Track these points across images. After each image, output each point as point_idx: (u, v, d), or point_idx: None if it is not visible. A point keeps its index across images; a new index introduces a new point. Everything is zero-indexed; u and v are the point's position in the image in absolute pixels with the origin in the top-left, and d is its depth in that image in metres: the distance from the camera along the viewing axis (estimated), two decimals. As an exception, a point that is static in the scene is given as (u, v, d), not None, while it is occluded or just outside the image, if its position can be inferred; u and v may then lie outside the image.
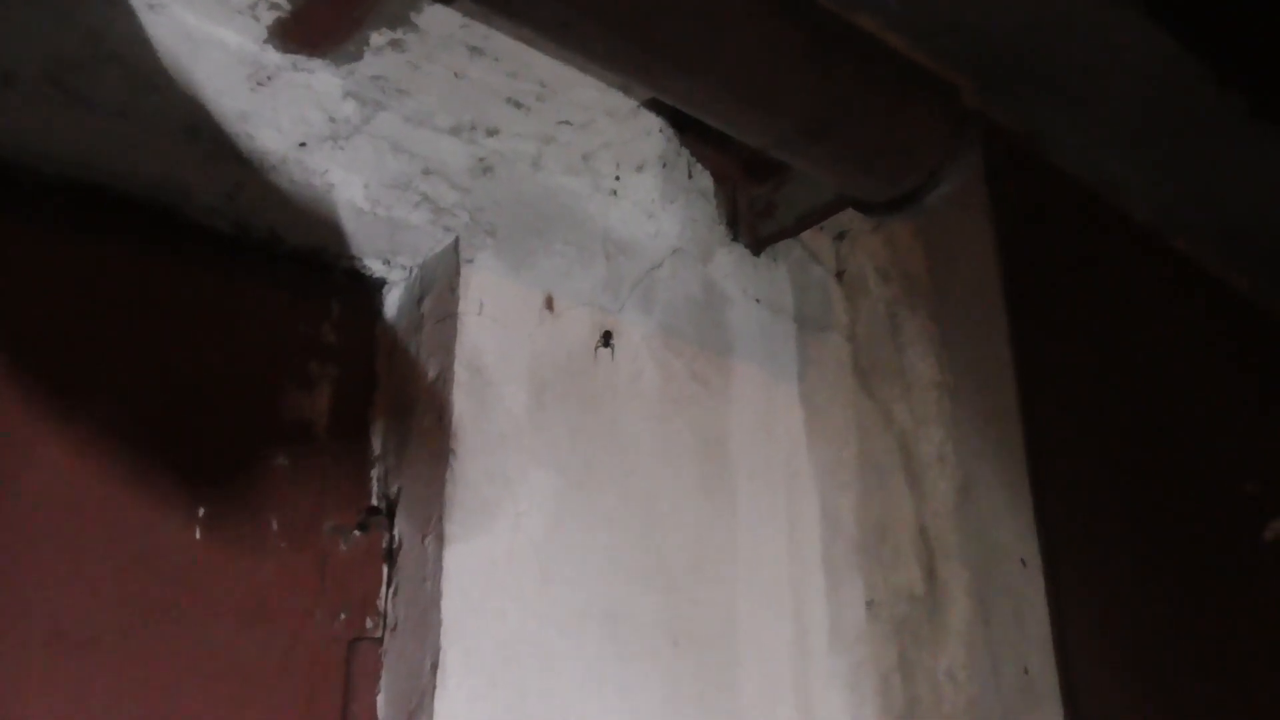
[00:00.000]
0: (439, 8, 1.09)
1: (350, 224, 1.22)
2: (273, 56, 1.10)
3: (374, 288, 1.31)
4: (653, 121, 1.36)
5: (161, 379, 1.12)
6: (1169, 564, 1.74)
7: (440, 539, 1.11)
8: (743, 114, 1.14)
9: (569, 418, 1.23)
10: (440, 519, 1.12)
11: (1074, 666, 1.41)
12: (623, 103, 1.27)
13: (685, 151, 1.43)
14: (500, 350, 1.20)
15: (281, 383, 1.21)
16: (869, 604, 1.39)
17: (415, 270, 1.29)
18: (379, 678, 1.14)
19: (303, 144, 1.16)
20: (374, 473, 1.23)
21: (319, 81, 1.14)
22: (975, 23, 1.59)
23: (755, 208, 1.46)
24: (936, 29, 1.58)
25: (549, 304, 1.27)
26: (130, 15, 1.03)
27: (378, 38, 1.11)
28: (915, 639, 1.36)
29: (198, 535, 1.09)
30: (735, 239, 1.47)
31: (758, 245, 1.47)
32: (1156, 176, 1.99)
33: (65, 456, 1.04)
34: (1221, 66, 1.75)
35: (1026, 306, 1.61)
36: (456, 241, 1.23)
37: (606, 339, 1.29)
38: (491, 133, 1.25)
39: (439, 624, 1.06)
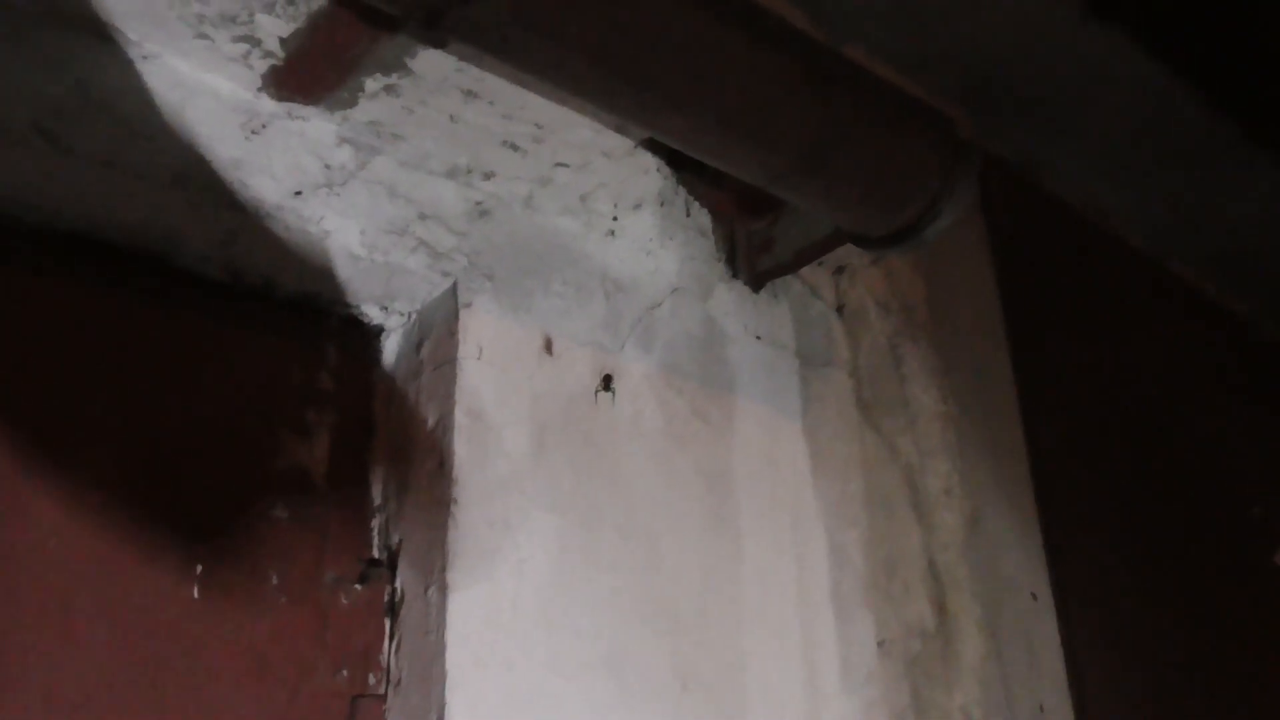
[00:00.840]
0: (433, 52, 1.08)
1: (346, 270, 1.21)
2: (266, 104, 1.09)
3: (372, 334, 1.30)
4: (650, 161, 1.35)
5: (155, 431, 1.11)
6: (1179, 592, 1.73)
7: (443, 589, 1.09)
8: (739, 150, 1.13)
9: (570, 459, 1.21)
10: (443, 568, 1.09)
11: (1090, 702, 1.40)
12: (619, 143, 1.26)
13: (682, 190, 1.42)
14: (500, 394, 1.19)
15: (278, 432, 1.19)
16: (880, 642, 1.37)
17: (413, 315, 1.28)
18: (382, 735, 1.10)
19: (298, 192, 1.15)
20: (374, 523, 1.21)
21: (313, 128, 1.13)
22: (965, 52, 1.61)
23: (753, 243, 1.45)
24: (927, 59, 1.60)
25: (548, 346, 1.26)
26: (122, 65, 1.02)
27: (372, 83, 1.10)
28: (928, 677, 1.34)
29: (195, 593, 1.07)
30: (734, 275, 1.46)
31: (757, 281, 1.46)
32: (1151, 202, 1.99)
33: (56, 513, 1.01)
34: (1213, 92, 1.76)
35: (1028, 334, 1.62)
36: (454, 286, 1.22)
37: (607, 383, 1.28)
38: (488, 176, 1.25)
39: (443, 677, 1.04)
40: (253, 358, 1.20)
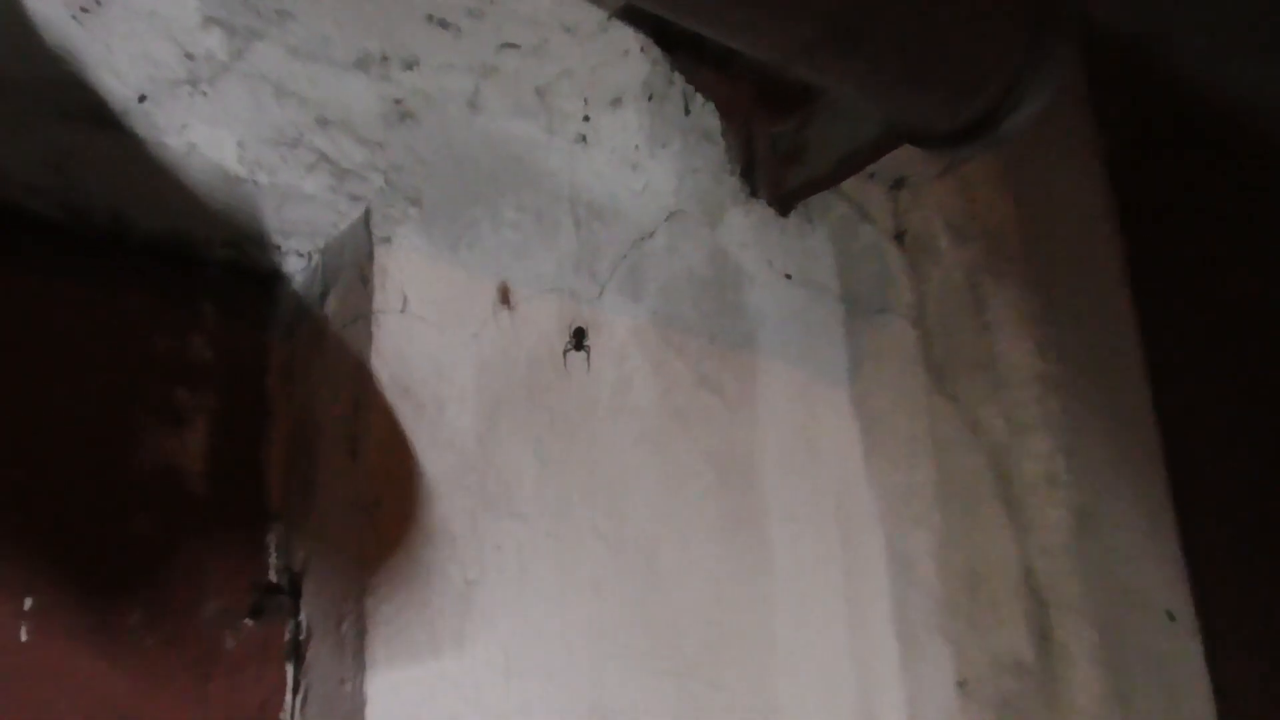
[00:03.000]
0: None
1: (222, 198, 1.19)
2: (100, -28, 1.06)
3: (260, 284, 1.29)
4: (630, 38, 1.34)
5: (-36, 424, 1.08)
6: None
7: (362, 624, 1.08)
8: (750, 13, 1.10)
9: (535, 446, 1.21)
10: (361, 596, 1.08)
11: (1247, 756, 1.40)
12: (588, 13, 1.25)
13: (679, 78, 1.41)
14: (436, 360, 1.18)
15: (137, 419, 1.18)
16: (961, 682, 1.38)
17: (314, 257, 1.26)
18: (287, 820, 1.10)
19: (143, 97, 1.12)
20: (270, 537, 1.21)
21: (168, 4, 1.11)
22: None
23: (779, 150, 1.44)
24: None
25: (503, 295, 1.25)
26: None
27: (245, -61, 1.08)
28: (1027, 726, 1.34)
29: (23, 635, 1.05)
30: (753, 194, 1.45)
31: (784, 202, 1.45)
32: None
33: None
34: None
35: (1153, 267, 1.62)
36: (367, 214, 1.20)
37: (579, 339, 1.26)
38: (410, 65, 1.23)
39: (366, 743, 1.02)
40: (99, 322, 1.19)
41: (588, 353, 1.28)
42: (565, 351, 1.26)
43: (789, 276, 1.46)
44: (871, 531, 1.41)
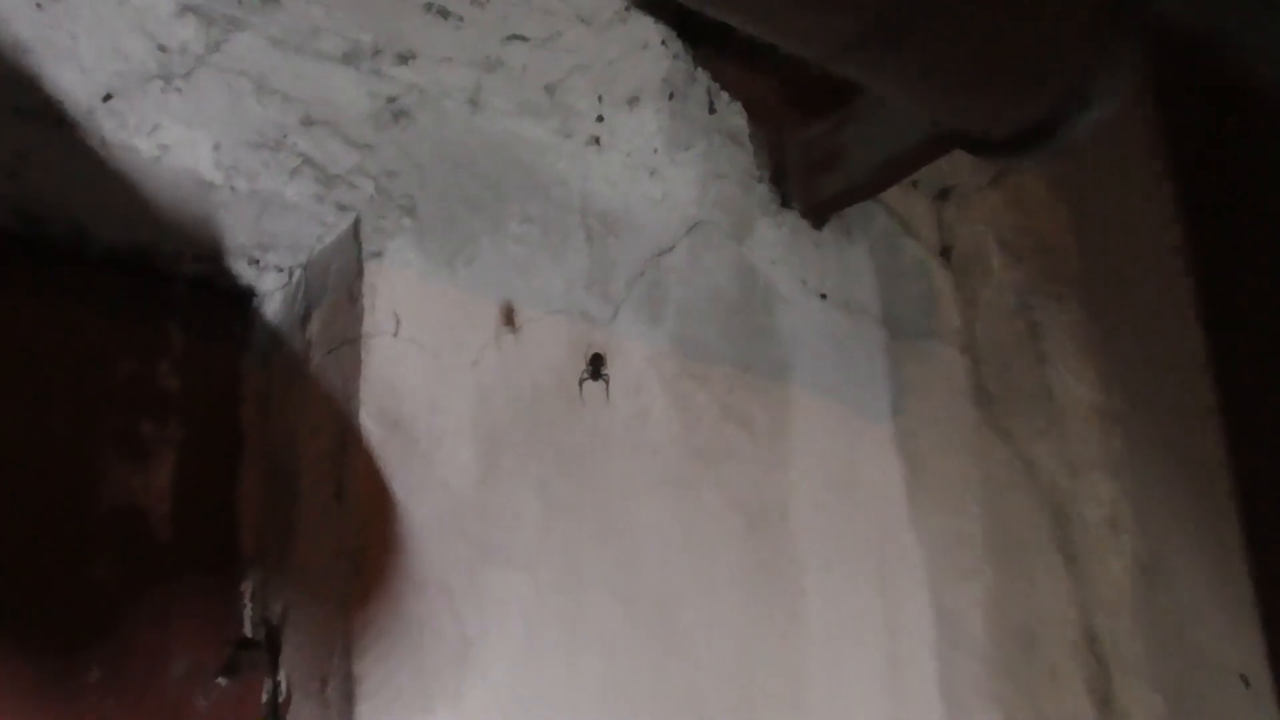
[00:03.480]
0: None
1: (194, 207, 1.18)
2: (64, -47, 1.05)
3: (235, 303, 1.28)
4: (649, 30, 1.33)
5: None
6: None
7: (348, 685, 1.06)
8: (789, 5, 1.09)
9: (539, 489, 1.19)
10: (347, 654, 1.07)
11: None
12: (603, 1, 1.24)
13: (702, 74, 1.40)
14: (431, 390, 1.16)
15: (96, 454, 1.17)
16: None
17: (296, 273, 1.25)
18: None
19: (109, 95, 1.10)
20: (244, 586, 1.20)
21: (139, -10, 1.08)
22: None
23: (812, 155, 1.43)
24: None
25: (506, 316, 1.24)
26: None
27: (224, -82, 1.07)
28: (1086, 802, 1.34)
29: (-34, 700, 1.03)
30: (784, 204, 1.44)
31: (819, 212, 1.43)
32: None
33: None
34: None
35: (1227, 288, 1.59)
36: (356, 226, 1.18)
37: (596, 367, 1.24)
38: (405, 58, 1.22)
39: (351, 823, 1.01)
40: (55, 344, 1.18)
41: (606, 383, 1.26)
42: (581, 381, 1.25)
43: (824, 296, 1.45)
44: (915, 584, 1.40)
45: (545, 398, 1.23)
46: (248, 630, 1.18)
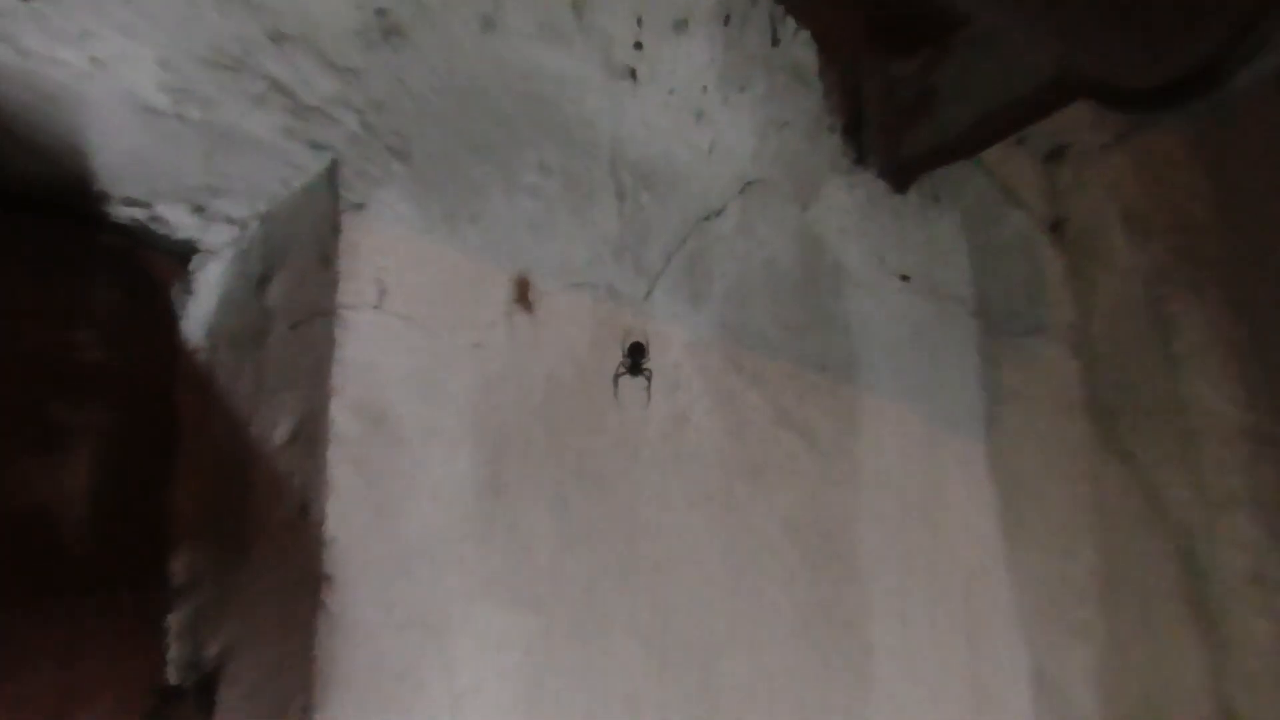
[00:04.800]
0: None
1: (131, 137, 1.16)
2: None
3: (175, 259, 1.27)
4: None
5: None
6: None
7: None
8: None
9: (554, 505, 1.19)
10: (306, 711, 1.06)
11: None
12: None
13: None
14: (423, 377, 1.15)
15: None
16: None
17: (254, 226, 1.24)
18: None
19: None
20: (174, 618, 1.19)
21: None
22: None
23: (897, 101, 1.44)
24: None
25: (519, 289, 1.24)
26: None
27: None
28: None
29: None
30: (860, 161, 1.44)
31: (903, 173, 1.44)
32: None
33: None
34: None
35: None
36: (333, 170, 1.17)
37: (636, 359, 1.25)
38: None
39: None
40: None
41: (648, 380, 1.26)
42: (617, 376, 1.25)
43: (905, 278, 1.45)
44: (1010, 641, 1.40)
45: (563, 392, 1.23)
46: (171, 676, 1.17)
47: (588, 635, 1.19)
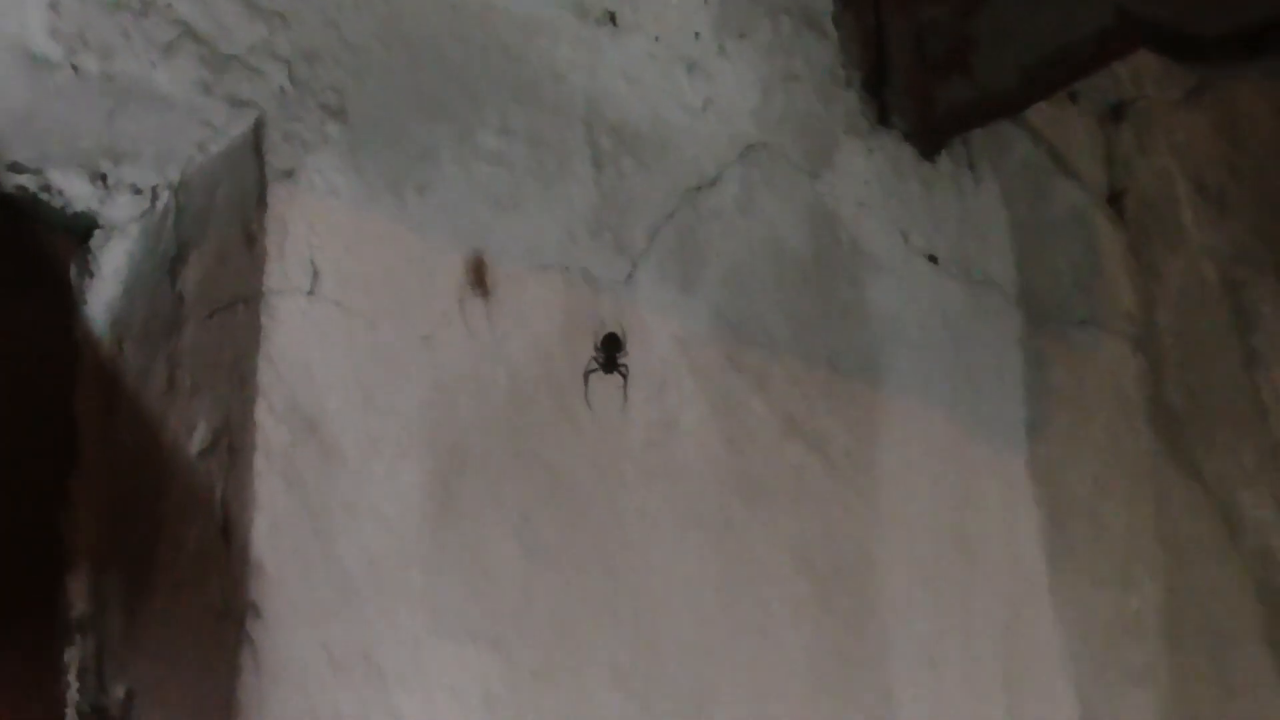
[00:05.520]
0: None
1: (16, 93, 1.15)
2: None
3: (70, 238, 1.26)
4: None
5: None
6: None
7: None
8: None
9: (519, 528, 1.18)
10: None
11: None
12: None
13: None
14: (364, 378, 1.15)
15: None
16: None
17: (164, 196, 1.23)
18: None
19: None
20: (70, 656, 1.17)
21: None
22: None
23: (927, 50, 1.44)
24: None
25: (475, 272, 1.22)
26: None
27: None
28: None
29: None
30: (883, 120, 1.44)
31: (932, 135, 1.44)
32: None
33: None
34: None
35: None
36: (259, 130, 1.16)
37: (610, 353, 1.23)
38: None
39: None
40: None
41: (624, 377, 1.24)
42: (587, 374, 1.23)
43: (934, 259, 1.44)
44: (1057, 689, 1.39)
45: (529, 394, 1.22)
46: (71, 722, 1.18)
47: (558, 679, 1.18)
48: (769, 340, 1.33)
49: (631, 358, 1.27)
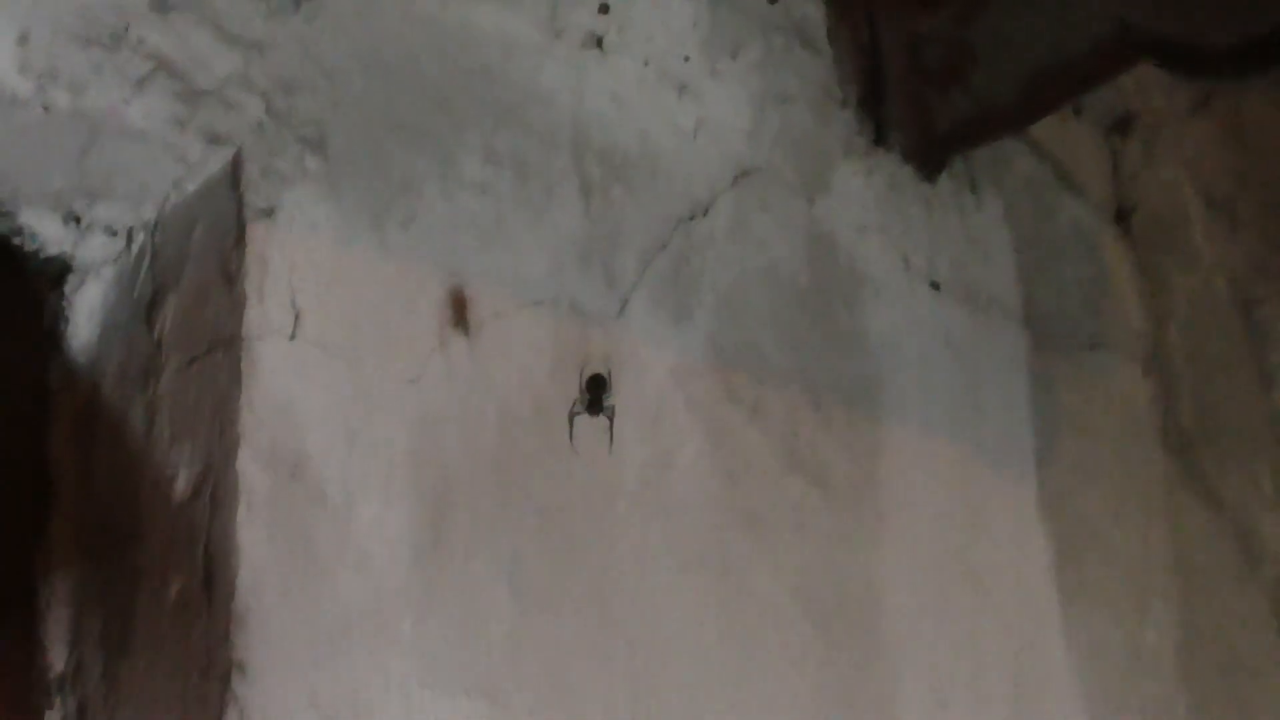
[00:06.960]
0: None
1: None
2: None
3: (42, 281, 1.27)
4: None
5: None
6: None
7: None
8: None
9: (509, 571, 1.18)
10: None
11: None
12: None
13: None
14: (348, 420, 1.15)
15: None
16: None
17: (140, 237, 1.24)
18: None
19: None
20: (53, 715, 1.17)
21: None
22: None
23: (925, 64, 1.45)
24: None
25: (457, 307, 1.23)
26: None
27: None
28: None
29: None
30: (880, 140, 1.45)
31: (932, 153, 1.45)
32: None
33: None
34: None
35: None
36: (236, 166, 1.17)
37: (596, 393, 1.23)
38: None
39: None
40: None
41: (611, 419, 1.24)
42: (572, 416, 1.24)
43: (936, 285, 1.45)
44: None
45: (518, 433, 1.23)
46: (46, 786, 1.19)
47: (548, 726, 1.22)
48: (767, 370, 1.34)
49: (625, 391, 1.28)
